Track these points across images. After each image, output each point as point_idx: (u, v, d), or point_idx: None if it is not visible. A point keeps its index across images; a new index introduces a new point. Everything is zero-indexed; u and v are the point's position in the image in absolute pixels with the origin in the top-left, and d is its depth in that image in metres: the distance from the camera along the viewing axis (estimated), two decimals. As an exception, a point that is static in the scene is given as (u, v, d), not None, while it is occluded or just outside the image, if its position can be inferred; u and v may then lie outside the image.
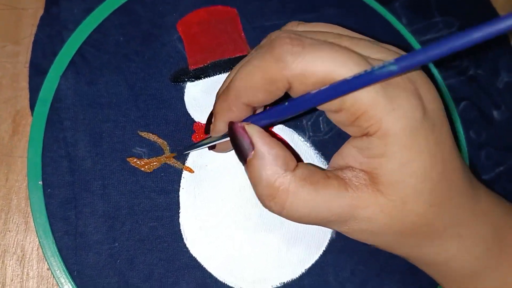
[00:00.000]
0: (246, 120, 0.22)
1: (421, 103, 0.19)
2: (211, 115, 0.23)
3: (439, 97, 0.21)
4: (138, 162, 0.26)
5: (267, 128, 0.25)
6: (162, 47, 0.28)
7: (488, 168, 0.31)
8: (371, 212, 0.20)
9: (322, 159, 0.28)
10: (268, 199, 0.20)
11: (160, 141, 0.26)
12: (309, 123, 0.29)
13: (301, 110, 0.20)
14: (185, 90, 0.27)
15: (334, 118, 0.20)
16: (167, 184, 0.26)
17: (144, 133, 0.26)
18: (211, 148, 0.25)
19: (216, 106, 0.22)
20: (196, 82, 0.28)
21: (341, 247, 0.27)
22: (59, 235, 0.24)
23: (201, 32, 0.28)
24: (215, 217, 0.26)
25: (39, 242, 0.24)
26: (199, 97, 0.27)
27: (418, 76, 0.20)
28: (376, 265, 0.27)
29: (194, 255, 0.25)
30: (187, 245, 0.25)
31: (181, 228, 0.25)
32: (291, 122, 0.28)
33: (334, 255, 0.27)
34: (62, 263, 0.24)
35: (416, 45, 0.32)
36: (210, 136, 0.24)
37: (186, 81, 0.28)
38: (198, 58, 0.28)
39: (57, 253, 0.24)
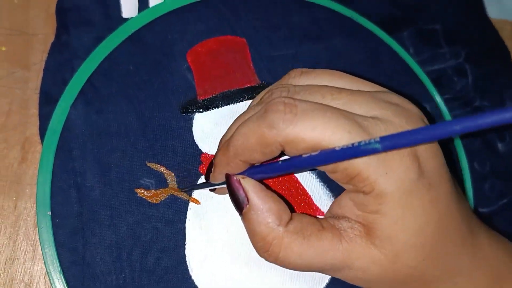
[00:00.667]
0: (243, 172, 0.22)
1: (417, 163, 0.20)
2: (211, 164, 0.24)
3: (440, 152, 0.21)
4: (146, 193, 0.26)
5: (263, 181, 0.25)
6: (171, 76, 0.28)
7: (491, 199, 0.32)
8: (364, 263, 0.21)
9: (328, 191, 0.28)
10: (262, 251, 0.21)
11: (167, 172, 0.27)
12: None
13: (294, 170, 0.21)
14: (194, 121, 0.28)
15: (331, 176, 0.21)
16: (174, 216, 0.26)
17: (152, 164, 0.27)
18: (212, 190, 0.26)
19: (216, 159, 0.23)
20: (205, 113, 0.28)
21: (344, 282, 0.27)
22: (67, 265, 0.25)
23: (210, 62, 0.29)
24: (220, 249, 0.26)
25: (47, 272, 0.24)
26: (207, 128, 0.28)
27: None
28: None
29: (199, 286, 0.26)
30: (193, 277, 0.26)
31: (186, 259, 0.26)
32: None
33: (338, 287, 0.27)
34: (69, 294, 0.24)
35: (422, 75, 0.32)
36: (205, 185, 0.26)
37: (195, 111, 0.28)
38: (207, 88, 0.28)
39: (65, 283, 0.24)
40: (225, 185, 0.23)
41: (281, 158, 0.22)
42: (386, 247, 0.20)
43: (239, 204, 0.22)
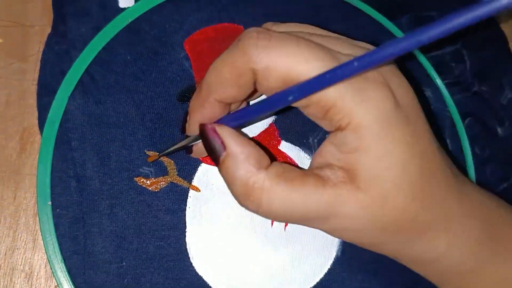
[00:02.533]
0: (217, 121, 0.22)
1: (392, 94, 0.19)
2: (186, 114, 0.23)
3: (413, 93, 0.21)
4: (146, 181, 0.26)
5: (240, 129, 0.25)
6: (169, 65, 0.28)
7: (493, 184, 0.31)
8: (351, 209, 0.19)
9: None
10: (243, 198, 0.20)
11: (166, 160, 0.26)
12: (315, 140, 0.29)
13: (268, 109, 0.20)
14: (192, 109, 0.28)
15: (306, 112, 0.20)
16: (174, 203, 0.26)
17: (151, 152, 0.26)
18: (189, 152, 0.25)
19: (190, 103, 0.22)
20: (203, 101, 0.28)
21: (347, 265, 0.27)
22: (68, 255, 0.25)
23: (207, 50, 0.29)
24: (220, 236, 0.26)
25: (49, 261, 0.24)
26: (206, 116, 0.27)
27: (390, 72, 0.20)
28: (381, 283, 0.27)
29: (200, 273, 0.26)
30: (193, 264, 0.26)
31: (187, 247, 0.26)
32: (297, 140, 0.29)
33: (339, 273, 0.27)
34: (71, 282, 0.24)
35: (423, 60, 0.32)
36: (181, 144, 0.25)
37: (193, 100, 0.28)
38: (204, 77, 0.28)
39: (66, 272, 0.24)
40: (195, 143, 0.22)
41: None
42: (372, 189, 0.19)
43: (215, 153, 0.21)
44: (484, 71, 0.33)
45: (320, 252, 0.27)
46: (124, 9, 0.28)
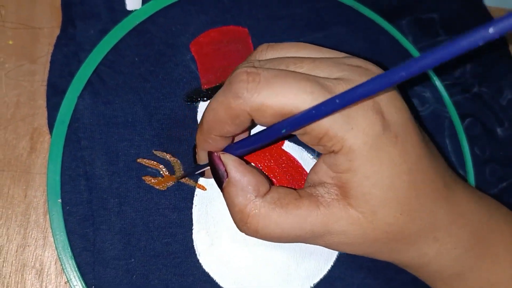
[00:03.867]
0: (224, 150, 0.23)
1: (381, 117, 0.20)
2: (195, 146, 0.25)
3: (405, 107, 0.22)
4: (153, 180, 0.27)
5: (243, 157, 0.26)
6: (176, 67, 0.29)
7: (492, 184, 0.32)
8: (343, 225, 0.21)
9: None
10: (241, 223, 0.22)
11: (173, 160, 0.27)
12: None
13: (268, 140, 0.22)
14: (198, 110, 0.28)
15: (302, 139, 0.22)
16: (181, 202, 0.27)
17: (159, 152, 0.27)
18: (202, 175, 0.27)
19: (196, 138, 0.24)
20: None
21: (349, 262, 0.28)
22: (78, 251, 0.25)
23: (213, 52, 0.29)
24: (226, 233, 0.27)
25: (59, 258, 0.25)
26: (212, 117, 0.28)
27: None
28: (384, 279, 0.28)
29: (206, 270, 0.26)
30: (200, 261, 0.26)
31: (194, 244, 0.26)
32: (300, 140, 0.29)
33: (342, 269, 0.28)
34: (80, 278, 0.25)
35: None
36: (193, 169, 0.26)
37: (199, 100, 0.28)
38: (210, 78, 0.29)
39: (76, 268, 0.25)
40: (205, 168, 0.24)
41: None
42: (362, 206, 0.21)
43: (219, 179, 0.22)
44: (484, 73, 0.34)
45: (323, 249, 0.28)
46: (131, 11, 0.29)
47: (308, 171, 0.29)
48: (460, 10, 0.35)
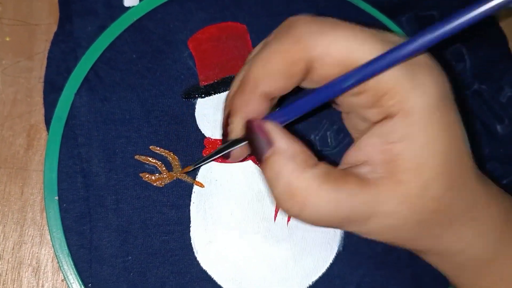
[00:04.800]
0: (266, 118, 0.21)
1: (443, 80, 0.19)
2: (226, 118, 0.22)
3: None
4: (150, 177, 0.26)
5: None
6: (173, 63, 0.28)
7: (492, 181, 0.32)
8: (391, 205, 0.19)
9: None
10: (286, 198, 0.19)
11: (171, 156, 0.27)
12: (317, 137, 0.29)
13: (321, 101, 0.19)
14: (196, 106, 0.28)
15: (354, 101, 0.20)
16: (178, 199, 0.27)
17: (156, 148, 0.27)
18: (226, 157, 0.24)
19: (232, 104, 0.21)
20: (207, 98, 0.28)
21: (348, 260, 0.28)
22: (75, 249, 0.25)
23: (211, 49, 0.29)
24: (224, 230, 0.27)
25: (56, 255, 0.25)
26: (210, 113, 0.28)
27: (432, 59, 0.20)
28: (383, 277, 0.28)
29: (204, 268, 0.26)
30: (198, 258, 0.26)
31: (191, 241, 0.26)
32: (299, 137, 0.29)
33: (341, 268, 0.27)
34: (77, 276, 0.25)
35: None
36: (220, 148, 0.23)
37: (197, 97, 0.28)
38: (208, 75, 0.29)
39: (73, 266, 0.25)
40: (237, 146, 0.21)
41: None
42: (414, 179, 0.19)
43: (261, 150, 0.19)
44: (483, 70, 0.34)
45: (322, 246, 0.27)
46: (129, 8, 0.29)
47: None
48: (460, 7, 0.35)
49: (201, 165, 0.27)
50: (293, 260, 0.27)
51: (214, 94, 0.28)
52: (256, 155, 0.20)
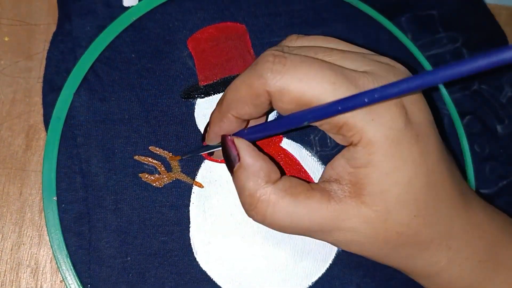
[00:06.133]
0: (237, 134, 0.23)
1: (404, 112, 0.20)
2: (207, 125, 0.25)
3: (427, 109, 0.21)
4: (150, 177, 0.26)
5: (256, 142, 0.26)
6: (173, 63, 0.28)
7: (491, 181, 0.32)
8: (354, 223, 0.21)
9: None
10: (250, 208, 0.21)
11: (170, 157, 0.27)
12: (317, 138, 0.29)
13: (282, 129, 0.22)
14: (195, 106, 0.28)
15: (321, 127, 0.21)
16: (178, 199, 0.26)
17: (155, 149, 0.27)
18: (210, 155, 0.27)
19: (211, 116, 0.24)
20: (206, 98, 0.28)
21: (348, 261, 0.28)
22: (73, 249, 0.25)
23: (211, 49, 0.29)
24: (224, 231, 0.27)
25: (54, 256, 0.25)
26: (209, 113, 0.28)
27: None
28: (382, 278, 0.28)
29: (204, 268, 0.26)
30: (197, 259, 0.26)
31: (191, 242, 0.26)
32: (299, 137, 0.29)
33: (341, 268, 0.27)
34: (76, 277, 0.24)
35: (422, 59, 0.33)
36: (208, 145, 0.26)
37: (197, 97, 0.28)
38: (208, 74, 0.29)
39: (72, 267, 0.25)
40: (219, 148, 0.24)
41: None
42: (377, 204, 0.20)
43: (231, 163, 0.22)
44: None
45: (322, 247, 0.27)
46: (128, 8, 0.29)
47: (306, 169, 0.28)
48: (459, 7, 0.35)
49: (185, 157, 0.27)
50: (293, 261, 0.27)
51: (214, 94, 0.28)
52: (227, 166, 0.23)
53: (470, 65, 0.14)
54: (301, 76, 0.19)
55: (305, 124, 0.20)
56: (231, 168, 0.22)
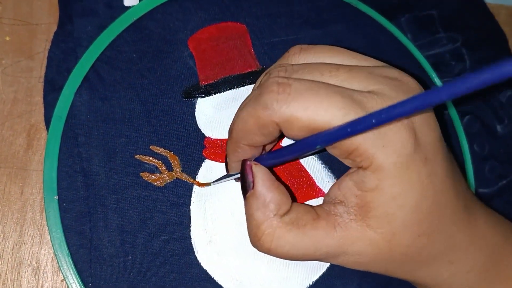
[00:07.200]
0: (257, 159, 0.23)
1: (413, 136, 0.20)
2: (225, 157, 0.25)
3: (437, 126, 0.21)
4: (151, 176, 0.26)
5: (275, 166, 0.27)
6: (174, 63, 0.28)
7: (491, 181, 0.32)
8: (360, 247, 0.21)
9: (330, 173, 0.29)
10: (255, 239, 0.22)
11: (171, 156, 0.27)
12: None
13: (299, 154, 0.22)
14: (196, 106, 0.28)
15: (331, 152, 0.21)
16: (179, 199, 0.26)
17: (156, 148, 0.27)
18: (238, 180, 0.27)
19: (226, 148, 0.24)
20: (207, 98, 0.28)
21: (348, 260, 0.28)
22: (75, 249, 0.25)
23: (211, 48, 0.29)
24: (224, 230, 0.27)
25: (55, 255, 0.25)
26: (210, 113, 0.28)
27: None
28: (383, 278, 0.28)
29: (204, 267, 0.26)
30: (198, 258, 0.26)
31: (192, 241, 0.26)
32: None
33: (341, 268, 0.27)
34: (77, 276, 0.25)
35: (422, 60, 0.33)
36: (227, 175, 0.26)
37: (197, 97, 0.28)
38: (208, 74, 0.29)
39: (73, 266, 0.25)
40: (235, 177, 0.24)
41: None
42: (383, 227, 0.20)
43: (245, 188, 0.22)
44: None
45: (322, 246, 0.27)
46: (129, 7, 0.29)
47: (306, 168, 0.29)
48: (459, 7, 0.35)
49: (214, 183, 0.27)
50: (294, 261, 0.27)
51: (214, 93, 0.28)
52: (242, 190, 0.23)
53: (478, 79, 0.14)
54: (307, 105, 0.19)
55: (318, 148, 0.20)
56: (245, 193, 0.22)
